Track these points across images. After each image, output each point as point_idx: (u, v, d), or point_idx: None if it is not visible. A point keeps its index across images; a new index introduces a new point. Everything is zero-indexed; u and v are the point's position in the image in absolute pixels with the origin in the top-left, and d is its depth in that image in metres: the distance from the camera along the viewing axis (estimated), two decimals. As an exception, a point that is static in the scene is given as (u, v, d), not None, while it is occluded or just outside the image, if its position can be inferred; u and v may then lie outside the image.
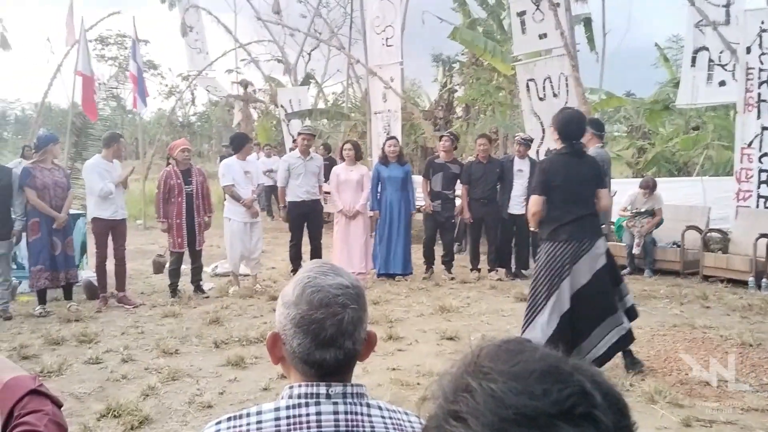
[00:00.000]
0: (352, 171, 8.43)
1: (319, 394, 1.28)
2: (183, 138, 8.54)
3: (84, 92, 12.87)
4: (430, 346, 5.83)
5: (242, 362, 5.27)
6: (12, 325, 6.51)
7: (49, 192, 6.86)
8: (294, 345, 1.28)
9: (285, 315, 1.30)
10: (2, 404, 1.51)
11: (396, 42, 12.16)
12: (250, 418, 1.27)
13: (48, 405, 1.50)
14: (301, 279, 1.32)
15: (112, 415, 4.23)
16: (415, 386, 4.80)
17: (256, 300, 7.53)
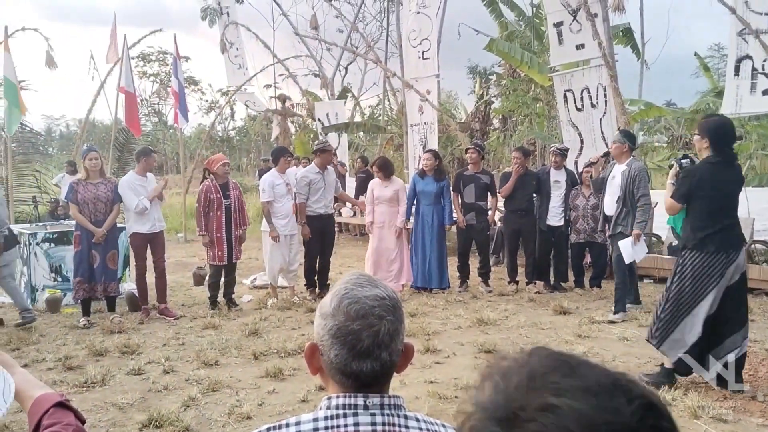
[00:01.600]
0: (387, 187, 8.46)
1: (357, 405, 1.29)
2: (220, 153, 8.65)
3: (127, 108, 13.19)
4: (468, 359, 5.80)
5: (281, 374, 5.31)
6: (57, 336, 6.67)
7: (89, 206, 6.99)
8: (331, 356, 1.30)
9: (322, 326, 1.32)
10: (32, 418, 1.57)
11: (432, 55, 12.19)
12: (290, 428, 1.29)
13: (71, 417, 1.56)
14: (338, 290, 1.34)
15: (154, 425, 4.30)
16: (452, 399, 4.79)
17: (294, 312, 7.59)
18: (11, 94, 11.59)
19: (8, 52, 11.98)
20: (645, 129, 18.87)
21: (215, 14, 16.53)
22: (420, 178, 8.60)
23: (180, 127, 15.44)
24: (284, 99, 15.56)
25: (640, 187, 6.93)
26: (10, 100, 11.54)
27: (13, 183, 13.22)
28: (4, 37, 12.31)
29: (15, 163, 13.73)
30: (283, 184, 7.95)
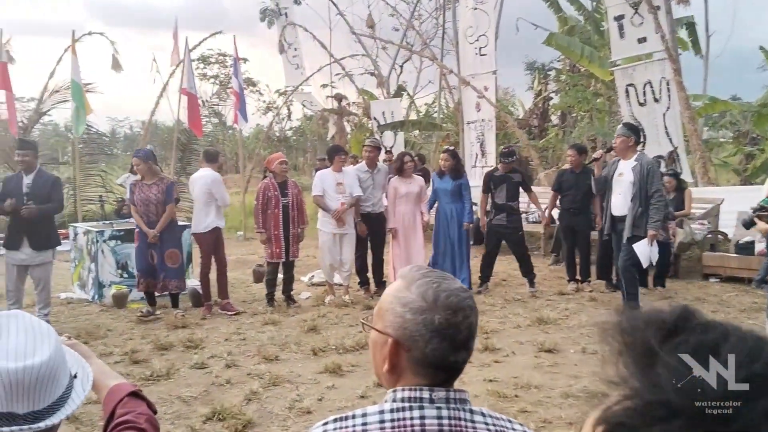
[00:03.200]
0: (411, 183, 8.34)
1: (422, 399, 1.29)
2: (279, 152, 8.75)
3: (189, 109, 13.49)
4: (528, 358, 5.73)
5: (339, 370, 5.35)
6: (123, 330, 6.87)
7: (141, 207, 7.17)
8: (427, 350, 1.28)
9: (415, 321, 1.29)
10: (107, 406, 1.63)
11: (490, 51, 12.08)
12: (356, 420, 1.30)
13: (144, 406, 1.60)
14: (426, 283, 1.32)
15: (217, 418, 4.39)
16: (512, 398, 4.74)
17: (351, 309, 7.63)
18: (78, 96, 12.00)
19: (75, 56, 12.41)
20: (710, 124, 18.29)
21: (274, 15, 16.76)
22: (439, 177, 8.53)
23: (239, 128, 15.71)
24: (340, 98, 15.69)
25: (654, 182, 6.62)
26: (77, 102, 11.95)
27: (80, 182, 13.70)
28: (71, 42, 12.76)
29: (82, 164, 14.21)
30: (334, 182, 7.96)
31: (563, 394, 4.80)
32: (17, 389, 1.24)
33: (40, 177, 6.86)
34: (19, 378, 1.23)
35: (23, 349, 1.27)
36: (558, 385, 5.00)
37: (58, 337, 1.38)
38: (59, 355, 1.32)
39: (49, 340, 1.31)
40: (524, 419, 4.30)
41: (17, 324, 1.31)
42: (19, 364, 1.24)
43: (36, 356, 1.26)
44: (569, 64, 16.20)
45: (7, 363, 1.24)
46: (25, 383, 1.24)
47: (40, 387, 1.26)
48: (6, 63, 12.61)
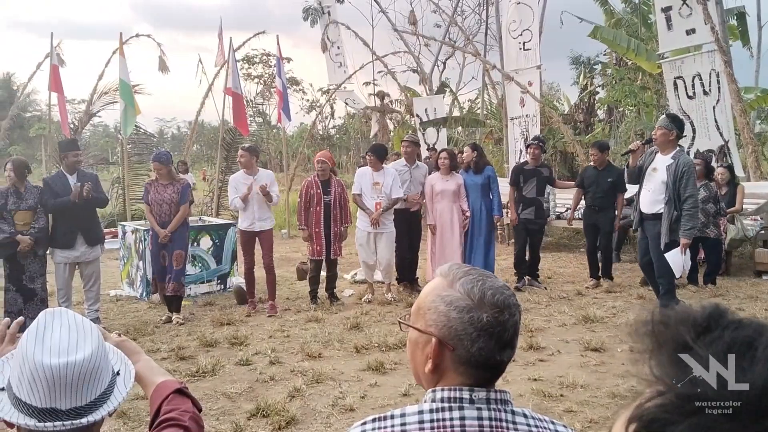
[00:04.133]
0: (449, 181, 8.22)
1: (462, 399, 1.26)
2: (325, 150, 8.77)
3: (234, 109, 13.66)
4: (574, 357, 5.63)
5: (382, 367, 5.34)
6: (170, 327, 6.98)
7: (155, 208, 7.18)
8: (473, 350, 1.26)
9: (461, 319, 1.27)
10: (153, 402, 1.65)
11: (534, 45, 11.92)
12: (395, 419, 1.28)
13: (189, 404, 1.61)
14: (470, 281, 1.29)
15: (261, 414, 4.43)
16: (558, 398, 4.66)
17: (393, 307, 7.62)
18: (127, 96, 12.25)
19: (123, 57, 12.67)
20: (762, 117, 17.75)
21: (317, 14, 16.85)
22: (465, 172, 8.43)
23: (283, 126, 15.84)
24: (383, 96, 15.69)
25: (688, 185, 6.22)
26: (126, 101, 12.20)
27: (129, 182, 14.00)
28: (119, 44, 13.03)
29: (130, 164, 14.51)
30: (370, 181, 7.91)
31: (610, 394, 4.70)
32: (60, 385, 1.25)
33: (83, 176, 7.04)
34: (61, 374, 1.25)
35: (66, 345, 1.28)
36: (605, 385, 4.90)
37: (101, 334, 1.39)
38: (101, 352, 1.34)
39: (92, 337, 1.33)
40: (570, 419, 4.23)
41: (61, 321, 1.33)
42: (61, 360, 1.26)
43: (78, 353, 1.28)
44: (616, 57, 15.89)
45: (50, 359, 1.25)
46: (68, 379, 1.26)
47: (82, 383, 1.28)
48: (57, 66, 12.95)
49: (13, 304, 6.59)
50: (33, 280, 6.69)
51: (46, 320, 1.33)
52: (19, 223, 6.59)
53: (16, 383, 1.29)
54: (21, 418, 1.26)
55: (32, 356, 1.26)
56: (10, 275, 6.63)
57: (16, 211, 6.59)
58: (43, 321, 1.33)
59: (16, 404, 1.28)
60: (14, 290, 6.62)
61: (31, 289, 6.67)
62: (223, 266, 8.90)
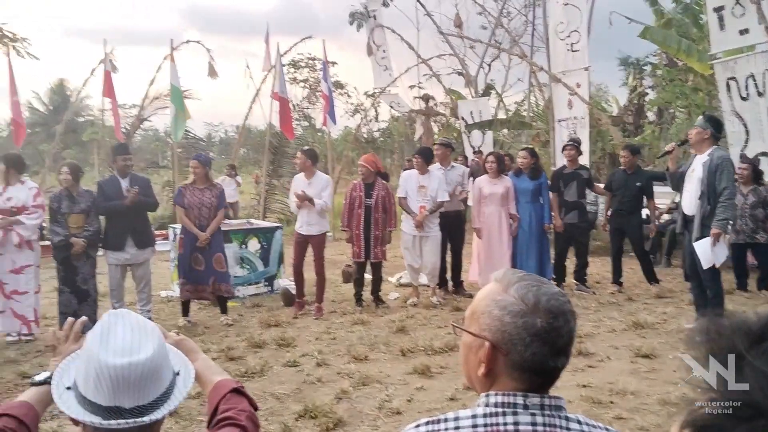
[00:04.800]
0: (497, 184, 8.11)
1: (516, 404, 1.27)
2: (369, 154, 8.79)
3: (281, 113, 13.83)
4: (624, 363, 5.54)
5: (428, 371, 5.34)
6: (220, 328, 7.10)
7: (194, 211, 7.18)
8: (526, 355, 1.26)
9: (515, 324, 1.27)
10: (211, 401, 1.69)
11: (582, 46, 11.77)
12: (448, 423, 1.29)
13: (245, 403, 1.65)
14: (525, 287, 1.30)
15: (309, 416, 4.47)
16: (607, 404, 4.59)
17: (439, 310, 7.60)
18: (177, 100, 12.52)
19: (173, 63, 12.96)
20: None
21: (362, 18, 16.92)
22: (516, 177, 8.31)
23: (328, 130, 15.96)
24: (428, 99, 15.66)
25: (723, 178, 5.98)
26: (177, 105, 12.46)
27: (179, 185, 14.27)
28: (170, 50, 13.33)
29: (180, 167, 14.82)
30: (416, 185, 7.89)
31: (661, 401, 4.61)
32: (123, 384, 1.29)
33: (135, 179, 7.21)
34: (125, 373, 1.29)
35: (129, 346, 1.32)
36: (655, 392, 4.81)
37: (162, 335, 1.43)
38: (162, 353, 1.37)
39: (153, 337, 1.37)
40: (620, 426, 4.16)
41: (124, 322, 1.37)
42: (125, 360, 1.30)
43: (141, 353, 1.32)
44: (666, 58, 15.57)
45: (114, 359, 1.29)
46: (131, 378, 1.29)
47: (145, 383, 1.32)
48: (110, 72, 13.31)
49: (68, 305, 6.77)
50: (86, 282, 6.87)
51: (109, 321, 1.38)
52: (73, 227, 6.76)
53: (81, 382, 1.33)
54: (86, 416, 1.30)
55: (97, 356, 1.30)
56: (65, 277, 6.82)
57: (69, 215, 6.77)
58: (107, 322, 1.38)
59: (82, 402, 1.32)
60: (69, 291, 6.81)
61: (84, 290, 6.85)
62: (270, 268, 9.01)
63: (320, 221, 7.68)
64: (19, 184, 6.88)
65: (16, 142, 13.44)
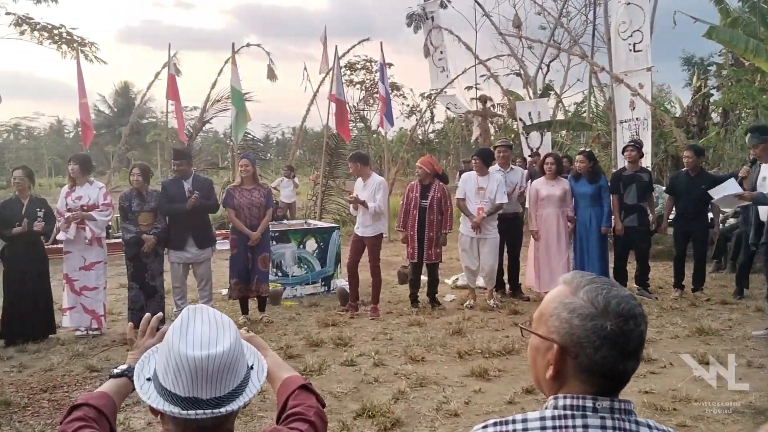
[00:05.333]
0: (554, 186, 8.03)
1: (585, 407, 1.26)
2: (427, 155, 8.78)
3: (338, 115, 13.94)
4: (687, 370, 5.39)
5: (486, 374, 5.31)
6: (278, 327, 7.21)
7: (244, 211, 7.30)
8: (596, 357, 1.25)
9: (584, 327, 1.26)
10: (279, 397, 1.73)
11: (645, 47, 11.51)
12: (516, 424, 1.29)
13: (313, 399, 1.68)
14: (595, 289, 1.29)
15: (366, 415, 4.51)
16: (671, 411, 4.49)
17: (496, 313, 7.55)
18: (238, 102, 12.76)
19: (235, 66, 13.22)
20: None
21: (420, 20, 16.94)
22: (574, 181, 8.16)
23: (384, 131, 16.03)
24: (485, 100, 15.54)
25: None
26: (237, 107, 12.71)
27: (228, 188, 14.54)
28: (231, 53, 13.60)
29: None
30: (475, 186, 7.85)
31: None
32: (201, 376, 1.34)
33: (197, 181, 7.41)
34: (203, 365, 1.34)
35: (207, 339, 1.37)
36: (720, 399, 4.68)
37: (237, 330, 1.48)
38: (238, 347, 1.42)
39: (230, 331, 1.41)
40: (684, 435, 4.07)
41: (202, 316, 1.42)
42: (203, 352, 1.35)
43: (218, 346, 1.37)
44: (732, 58, 15.10)
45: (192, 351, 1.34)
46: (209, 371, 1.34)
47: (222, 375, 1.36)
48: (174, 75, 13.66)
49: (137, 301, 7.02)
50: (154, 278, 7.09)
51: (188, 315, 1.43)
52: (143, 224, 7.01)
53: (161, 373, 1.39)
54: (166, 406, 1.36)
55: (177, 348, 1.35)
56: (134, 273, 7.06)
57: (139, 213, 7.02)
58: (186, 316, 1.43)
59: (162, 393, 1.38)
60: (138, 288, 7.04)
61: (152, 286, 7.07)
62: (327, 268, 9.11)
63: (375, 223, 7.69)
64: (87, 183, 7.17)
65: (84, 143, 13.93)
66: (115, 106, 52.21)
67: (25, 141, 62.60)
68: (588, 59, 15.87)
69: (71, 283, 7.04)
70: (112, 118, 50.26)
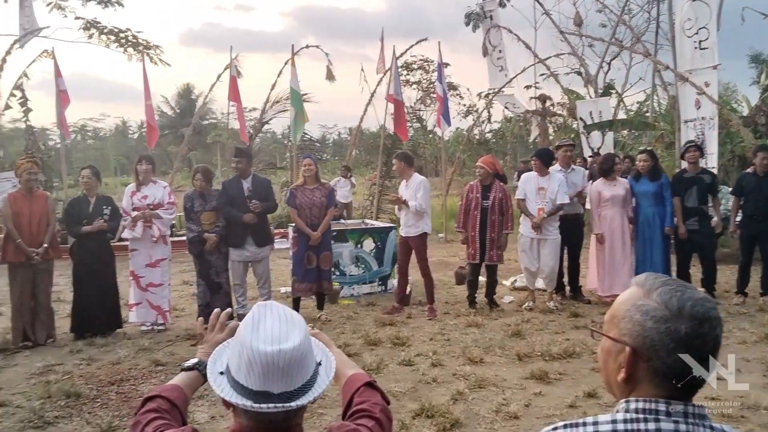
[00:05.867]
0: (616, 186, 7.88)
1: (658, 411, 1.24)
2: (489, 155, 8.71)
3: (396, 115, 13.97)
4: (755, 377, 5.22)
5: (546, 377, 5.24)
6: (336, 325, 7.28)
7: (305, 211, 7.35)
8: (669, 361, 1.23)
9: (658, 330, 1.24)
10: (345, 394, 1.75)
11: (711, 44, 11.17)
12: (587, 427, 1.27)
13: (378, 397, 1.69)
14: (668, 291, 1.26)
15: (425, 415, 4.51)
16: (738, 419, 4.36)
17: (556, 316, 7.45)
18: (297, 104, 12.93)
19: (294, 67, 13.40)
20: None
21: (479, 19, 16.83)
22: (635, 180, 7.96)
23: (442, 131, 15.98)
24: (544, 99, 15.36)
25: None
26: (296, 107, 12.87)
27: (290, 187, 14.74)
28: (290, 55, 13.78)
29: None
30: (535, 187, 7.75)
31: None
32: (272, 370, 1.37)
33: (256, 180, 7.57)
34: (274, 360, 1.37)
35: (278, 334, 1.40)
36: (793, 409, 4.51)
37: (306, 326, 1.50)
38: (307, 343, 1.44)
39: (300, 328, 1.44)
40: (753, 444, 3.94)
41: (272, 313, 1.45)
42: (274, 347, 1.38)
43: (289, 341, 1.39)
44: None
45: (264, 346, 1.38)
46: (279, 365, 1.37)
47: (292, 370, 1.39)
48: (235, 77, 13.93)
49: (203, 297, 7.24)
50: (218, 275, 7.29)
51: (259, 312, 1.46)
52: (205, 223, 7.20)
53: (234, 367, 1.42)
54: (239, 399, 1.39)
55: (249, 343, 1.38)
56: (201, 270, 7.26)
57: (201, 212, 7.22)
58: (257, 312, 1.46)
59: (234, 386, 1.41)
60: (204, 284, 7.25)
61: (217, 282, 7.26)
62: (384, 268, 9.14)
63: (418, 223, 7.65)
64: (152, 183, 7.40)
65: (149, 143, 14.33)
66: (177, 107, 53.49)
67: (91, 141, 64.80)
68: (651, 57, 15.49)
69: (137, 280, 7.26)
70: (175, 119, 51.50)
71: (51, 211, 7.04)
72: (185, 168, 26.48)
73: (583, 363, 5.61)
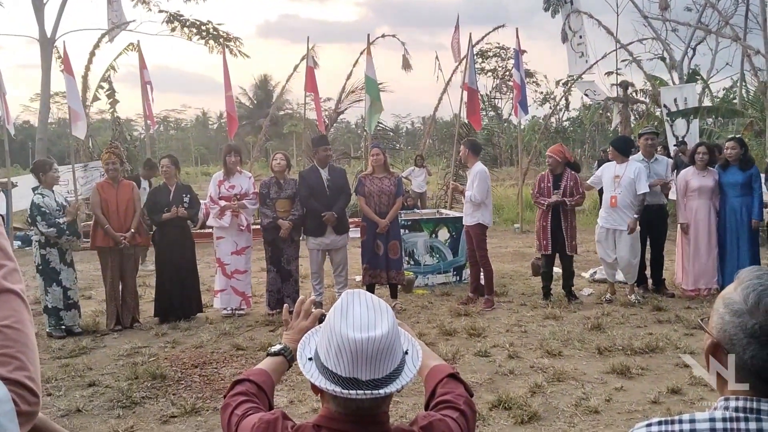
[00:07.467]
0: (706, 176, 7.56)
1: (760, 410, 1.20)
2: (558, 144, 8.52)
3: (470, 104, 13.85)
4: None
5: (628, 372, 5.10)
6: (412, 314, 7.29)
7: (374, 199, 7.36)
8: (746, 357, 1.20)
9: (734, 324, 1.22)
10: (428, 384, 1.74)
11: (808, 25, 10.58)
12: (683, 424, 1.25)
13: (462, 388, 1.68)
14: (752, 285, 1.22)
15: (502, 407, 4.47)
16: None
17: (638, 309, 7.22)
18: (374, 92, 12.98)
19: (370, 56, 13.44)
20: None
21: (558, 4, 16.45)
22: (722, 170, 7.57)
23: (519, 120, 15.75)
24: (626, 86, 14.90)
25: None
26: (372, 95, 12.92)
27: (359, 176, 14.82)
28: (366, 44, 13.84)
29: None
30: (612, 176, 7.51)
31: None
32: (361, 357, 1.38)
33: (333, 170, 7.65)
34: (363, 347, 1.37)
35: (366, 322, 1.40)
36: None
37: (394, 315, 1.50)
38: (395, 331, 1.44)
39: (388, 316, 1.44)
40: None
41: (360, 300, 1.46)
42: (363, 334, 1.38)
43: (377, 329, 1.39)
44: None
45: (353, 333, 1.38)
46: (368, 353, 1.37)
47: (380, 357, 1.39)
48: (312, 68, 14.09)
49: (274, 283, 7.39)
50: (289, 263, 7.42)
51: (348, 299, 1.47)
52: (280, 210, 7.35)
53: (323, 354, 1.44)
54: (328, 385, 1.41)
55: (339, 330, 1.39)
56: (272, 257, 7.41)
57: (277, 200, 7.37)
58: (346, 300, 1.47)
59: (323, 372, 1.43)
60: (275, 271, 7.40)
61: (288, 270, 7.40)
62: (459, 258, 9.08)
63: (474, 213, 7.55)
64: (238, 173, 7.58)
65: (229, 134, 14.68)
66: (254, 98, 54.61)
67: (173, 132, 67.01)
68: (740, 41, 14.78)
69: (223, 267, 7.47)
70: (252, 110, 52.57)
71: (137, 199, 7.32)
72: (262, 158, 27.04)
73: (667, 358, 5.43)
